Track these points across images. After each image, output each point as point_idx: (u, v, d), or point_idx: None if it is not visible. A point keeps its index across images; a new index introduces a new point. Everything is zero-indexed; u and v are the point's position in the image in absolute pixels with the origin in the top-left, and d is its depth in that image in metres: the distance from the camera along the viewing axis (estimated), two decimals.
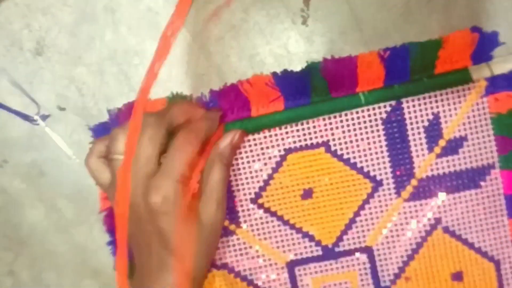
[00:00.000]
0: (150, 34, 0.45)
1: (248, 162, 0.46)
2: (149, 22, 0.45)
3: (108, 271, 0.48)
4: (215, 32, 0.45)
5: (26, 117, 0.46)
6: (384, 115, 0.45)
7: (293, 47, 0.45)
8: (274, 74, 0.45)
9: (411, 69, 0.44)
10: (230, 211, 0.46)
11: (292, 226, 0.46)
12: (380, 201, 0.46)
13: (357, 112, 0.45)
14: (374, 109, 0.45)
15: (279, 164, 0.46)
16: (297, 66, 0.45)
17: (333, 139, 0.45)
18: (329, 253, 0.47)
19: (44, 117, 0.46)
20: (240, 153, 0.46)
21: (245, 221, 0.47)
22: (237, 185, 0.46)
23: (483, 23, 0.44)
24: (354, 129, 0.45)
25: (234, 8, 0.45)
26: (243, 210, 0.46)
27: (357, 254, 0.46)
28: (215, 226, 0.42)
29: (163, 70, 0.45)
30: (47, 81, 0.46)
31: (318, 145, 0.45)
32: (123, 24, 0.45)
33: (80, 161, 0.47)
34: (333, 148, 0.45)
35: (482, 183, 0.45)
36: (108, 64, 0.46)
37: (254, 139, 0.45)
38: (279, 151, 0.45)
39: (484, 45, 0.44)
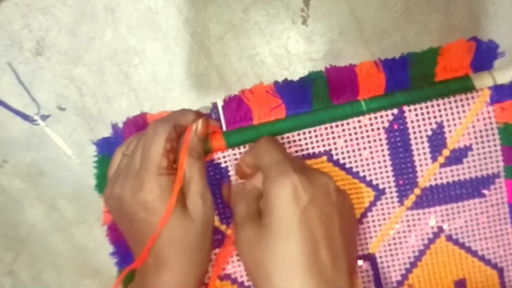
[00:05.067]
0: (150, 34, 0.45)
1: None
2: (149, 22, 0.45)
3: (108, 271, 0.48)
4: (215, 32, 0.45)
5: (26, 117, 0.46)
6: (386, 124, 0.44)
7: (293, 47, 0.44)
8: (275, 83, 0.44)
9: (411, 77, 0.43)
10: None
11: None
12: (382, 209, 0.45)
13: (359, 121, 0.44)
14: (376, 117, 0.44)
15: None
16: (297, 66, 0.44)
17: (335, 148, 0.44)
18: None
19: (44, 117, 0.46)
20: None
21: None
22: None
23: (483, 23, 0.43)
24: (356, 138, 0.44)
25: (234, 8, 0.44)
26: None
27: (360, 262, 0.45)
28: (204, 219, 0.41)
29: (163, 70, 0.45)
30: (47, 81, 0.46)
31: (320, 154, 0.44)
32: (123, 24, 0.45)
33: (80, 161, 0.47)
34: (335, 157, 0.44)
35: (486, 192, 0.44)
36: (108, 64, 0.46)
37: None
38: None
39: (484, 54, 0.43)
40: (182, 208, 0.40)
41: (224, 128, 0.44)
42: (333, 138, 0.44)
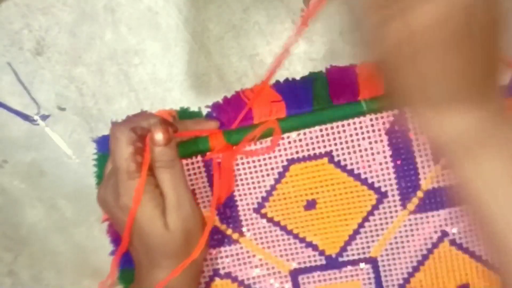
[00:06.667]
0: (150, 34, 0.45)
1: (251, 172, 0.45)
2: (149, 22, 0.45)
3: (108, 271, 0.48)
4: (215, 32, 0.44)
5: (26, 117, 0.46)
6: (387, 125, 0.43)
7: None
8: (276, 82, 0.44)
9: None
10: (234, 220, 0.46)
11: (296, 236, 0.45)
12: (385, 212, 0.44)
13: (360, 122, 0.43)
14: (377, 118, 0.43)
15: (282, 175, 0.45)
16: (297, 66, 0.44)
17: (336, 149, 0.44)
18: (333, 263, 0.45)
19: (44, 117, 0.46)
20: (243, 163, 0.45)
21: (248, 230, 0.46)
22: (240, 195, 0.45)
23: None
24: (358, 139, 0.44)
25: (234, 8, 0.44)
26: (246, 220, 0.46)
27: (362, 265, 0.45)
28: (183, 230, 0.40)
29: (163, 70, 0.45)
30: (47, 81, 0.46)
31: (321, 156, 0.44)
32: (123, 24, 0.45)
33: (80, 161, 0.47)
34: (336, 159, 0.44)
35: None
36: (108, 64, 0.45)
37: (257, 149, 0.44)
38: (282, 161, 0.44)
39: None
40: (162, 218, 0.39)
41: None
42: (334, 139, 0.44)
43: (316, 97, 0.43)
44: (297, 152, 0.44)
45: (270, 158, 0.44)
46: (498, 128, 0.31)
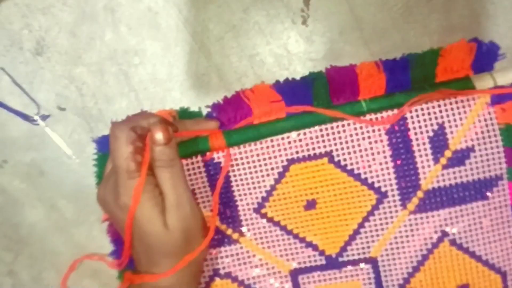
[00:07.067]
0: (150, 34, 0.45)
1: (251, 172, 0.45)
2: (149, 22, 0.45)
3: (108, 271, 0.48)
4: (215, 32, 0.44)
5: (26, 117, 0.46)
6: (387, 125, 0.43)
7: (293, 47, 0.44)
8: (276, 82, 0.44)
9: (412, 78, 0.43)
10: (234, 220, 0.46)
11: (296, 236, 0.45)
12: (385, 213, 0.44)
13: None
14: (377, 118, 0.43)
15: (282, 175, 0.45)
16: (297, 66, 0.44)
17: (336, 149, 0.44)
18: (333, 263, 0.45)
19: (44, 117, 0.46)
20: (243, 163, 0.45)
21: (248, 230, 0.46)
22: (240, 195, 0.45)
23: (483, 23, 0.42)
24: (358, 139, 0.44)
25: (234, 8, 0.44)
26: (246, 220, 0.45)
27: (362, 265, 0.45)
28: (183, 229, 0.40)
29: (163, 70, 0.45)
30: (47, 81, 0.46)
31: (321, 156, 0.44)
32: (123, 24, 0.45)
33: (80, 161, 0.47)
34: (336, 159, 0.44)
35: (489, 194, 0.43)
36: (108, 64, 0.45)
37: (257, 149, 0.44)
38: (282, 161, 0.44)
39: (484, 55, 0.42)
40: (161, 217, 0.39)
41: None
42: (334, 139, 0.44)
43: (316, 97, 0.43)
44: (297, 152, 0.44)
45: (270, 158, 0.44)
46: None
